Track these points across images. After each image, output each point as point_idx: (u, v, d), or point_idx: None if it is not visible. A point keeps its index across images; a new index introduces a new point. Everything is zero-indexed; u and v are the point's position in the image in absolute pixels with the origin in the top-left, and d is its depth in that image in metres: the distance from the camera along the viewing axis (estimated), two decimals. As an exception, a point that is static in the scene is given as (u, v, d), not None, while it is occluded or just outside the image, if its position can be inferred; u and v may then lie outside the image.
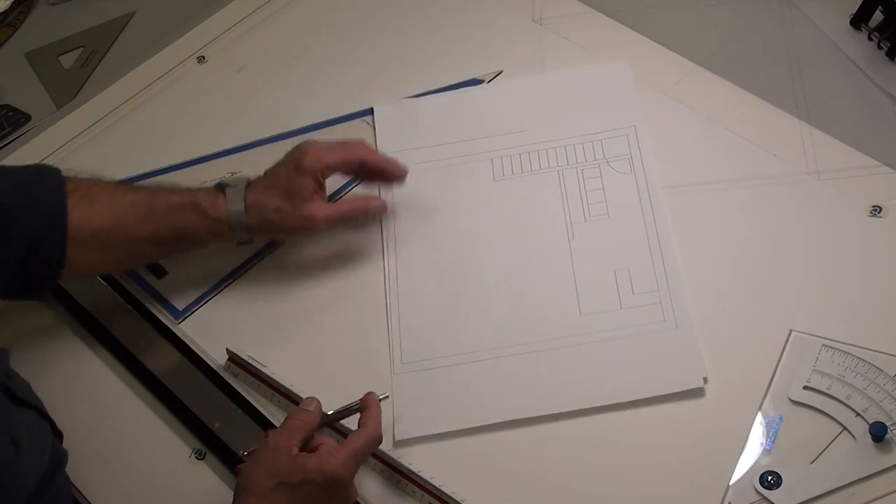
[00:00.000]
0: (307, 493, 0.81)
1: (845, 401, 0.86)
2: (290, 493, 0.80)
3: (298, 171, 0.97)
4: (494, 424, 0.91)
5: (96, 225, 0.94)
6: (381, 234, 1.05)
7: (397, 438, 0.90)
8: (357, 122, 1.15)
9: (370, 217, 1.04)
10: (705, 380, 0.89)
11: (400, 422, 0.92)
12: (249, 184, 0.99)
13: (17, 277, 0.91)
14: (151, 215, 0.96)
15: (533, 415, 0.90)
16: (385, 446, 0.89)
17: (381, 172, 1.03)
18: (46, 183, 0.94)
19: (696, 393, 0.89)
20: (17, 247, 0.90)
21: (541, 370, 0.93)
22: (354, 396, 0.90)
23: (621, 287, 0.96)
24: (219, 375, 0.98)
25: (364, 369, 0.96)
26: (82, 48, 1.31)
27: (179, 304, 1.04)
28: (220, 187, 0.99)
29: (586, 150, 1.06)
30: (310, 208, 0.98)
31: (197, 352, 1.00)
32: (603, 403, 0.90)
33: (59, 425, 0.93)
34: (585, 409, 0.90)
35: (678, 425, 0.88)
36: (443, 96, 1.15)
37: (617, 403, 0.90)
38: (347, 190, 1.08)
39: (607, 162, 1.05)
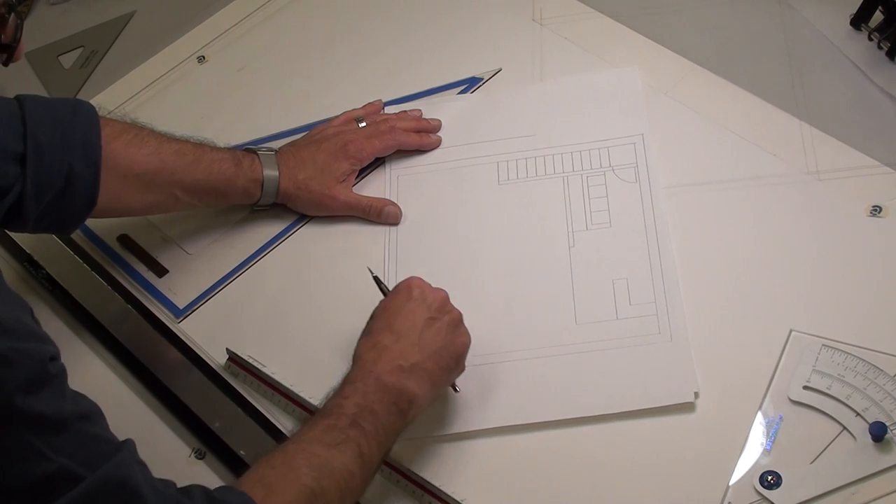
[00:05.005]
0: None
1: (845, 401, 0.86)
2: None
3: (341, 154, 1.06)
4: (494, 428, 0.91)
5: (143, 167, 0.98)
6: (383, 235, 1.05)
7: None
8: (359, 122, 1.15)
9: (381, 220, 1.06)
10: (696, 395, 0.89)
11: None
12: (277, 153, 1.06)
13: (52, 209, 0.92)
14: (196, 164, 1.01)
15: (523, 422, 0.90)
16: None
17: (418, 149, 1.11)
18: (82, 117, 0.94)
19: (695, 395, 0.89)
20: (56, 177, 0.91)
21: (535, 378, 0.93)
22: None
23: (618, 297, 0.96)
24: (219, 375, 0.98)
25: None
26: (82, 48, 1.31)
27: (180, 303, 1.04)
28: (251, 151, 1.05)
29: (592, 157, 1.06)
30: (336, 190, 1.06)
31: (197, 352, 1.00)
32: (593, 413, 0.90)
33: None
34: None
35: (678, 426, 0.88)
36: (451, 99, 1.15)
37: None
38: (367, 173, 1.10)
39: (613, 170, 1.05)
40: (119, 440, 0.72)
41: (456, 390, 0.92)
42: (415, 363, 0.85)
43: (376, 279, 0.96)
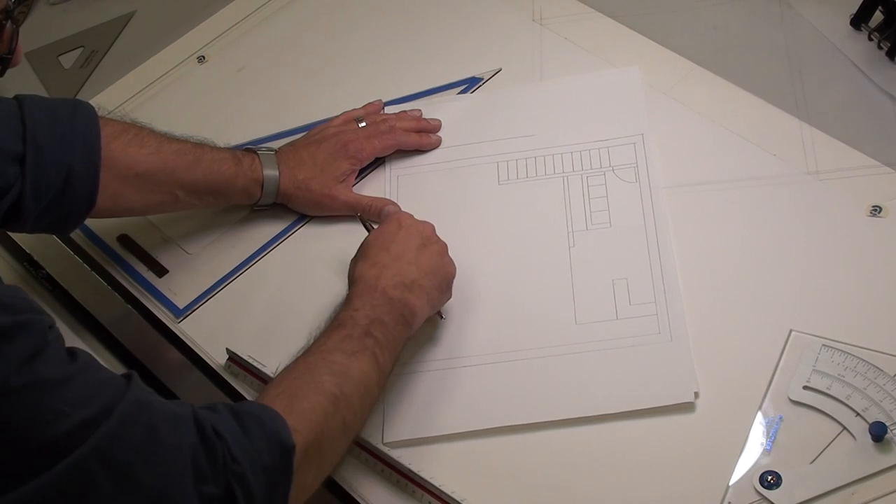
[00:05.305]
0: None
1: (845, 401, 0.86)
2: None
3: (340, 154, 1.06)
4: (494, 428, 0.91)
5: (143, 167, 0.98)
6: (382, 234, 1.06)
7: (386, 440, 0.90)
8: (359, 122, 1.15)
9: (381, 220, 1.05)
10: (696, 395, 0.89)
11: (390, 423, 0.92)
12: (277, 152, 1.07)
13: (51, 209, 0.92)
14: (196, 164, 1.01)
15: (524, 422, 0.90)
16: (382, 447, 0.90)
17: (417, 149, 1.12)
18: (81, 117, 0.94)
19: (695, 395, 0.89)
20: (55, 177, 0.91)
21: (534, 378, 0.93)
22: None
23: (618, 297, 0.96)
24: (219, 375, 0.98)
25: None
26: (82, 48, 1.31)
27: (180, 303, 1.04)
28: (251, 150, 1.06)
29: (592, 157, 1.06)
30: (335, 189, 1.06)
31: (197, 352, 1.00)
32: (592, 413, 0.90)
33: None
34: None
35: (678, 426, 0.88)
36: (451, 99, 1.15)
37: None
38: (367, 173, 1.11)
39: (613, 170, 1.05)
40: (121, 377, 0.73)
41: (441, 317, 0.96)
42: (413, 279, 0.90)
43: (360, 217, 1.00)
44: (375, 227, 0.97)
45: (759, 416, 0.87)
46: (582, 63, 1.15)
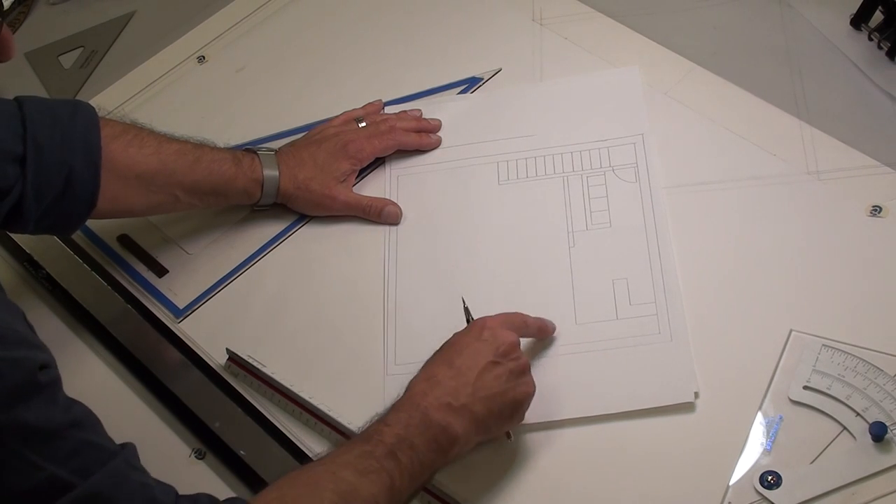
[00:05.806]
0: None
1: (845, 401, 0.86)
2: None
3: (341, 154, 1.06)
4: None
5: (143, 168, 0.97)
6: (383, 234, 1.05)
7: None
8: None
9: (381, 220, 1.06)
10: (696, 395, 0.89)
11: None
12: (277, 152, 1.06)
13: (52, 210, 0.92)
14: (196, 164, 1.00)
15: (524, 422, 0.90)
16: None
17: (417, 149, 1.11)
18: (81, 118, 0.94)
19: (695, 395, 0.89)
20: (56, 178, 0.91)
21: (535, 378, 0.93)
22: (350, 397, 0.92)
23: (618, 297, 0.96)
24: (219, 375, 0.98)
25: (360, 370, 0.96)
26: (82, 48, 1.31)
27: (180, 303, 1.04)
28: (251, 151, 1.05)
29: (592, 157, 1.06)
30: (336, 189, 1.06)
31: (197, 352, 1.00)
32: (593, 413, 0.90)
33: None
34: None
35: (678, 426, 0.88)
36: (451, 99, 1.15)
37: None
38: (367, 173, 1.10)
39: (613, 170, 1.05)
40: (116, 446, 0.71)
41: (509, 438, 0.89)
42: (464, 403, 0.82)
43: (466, 310, 0.93)
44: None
45: (759, 416, 0.87)
46: (582, 63, 1.15)
